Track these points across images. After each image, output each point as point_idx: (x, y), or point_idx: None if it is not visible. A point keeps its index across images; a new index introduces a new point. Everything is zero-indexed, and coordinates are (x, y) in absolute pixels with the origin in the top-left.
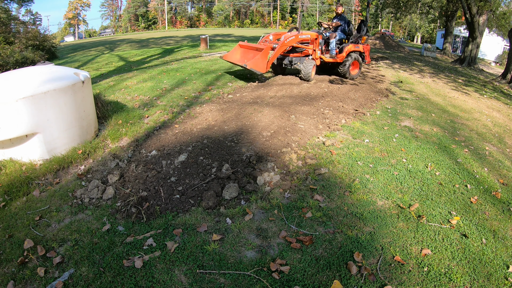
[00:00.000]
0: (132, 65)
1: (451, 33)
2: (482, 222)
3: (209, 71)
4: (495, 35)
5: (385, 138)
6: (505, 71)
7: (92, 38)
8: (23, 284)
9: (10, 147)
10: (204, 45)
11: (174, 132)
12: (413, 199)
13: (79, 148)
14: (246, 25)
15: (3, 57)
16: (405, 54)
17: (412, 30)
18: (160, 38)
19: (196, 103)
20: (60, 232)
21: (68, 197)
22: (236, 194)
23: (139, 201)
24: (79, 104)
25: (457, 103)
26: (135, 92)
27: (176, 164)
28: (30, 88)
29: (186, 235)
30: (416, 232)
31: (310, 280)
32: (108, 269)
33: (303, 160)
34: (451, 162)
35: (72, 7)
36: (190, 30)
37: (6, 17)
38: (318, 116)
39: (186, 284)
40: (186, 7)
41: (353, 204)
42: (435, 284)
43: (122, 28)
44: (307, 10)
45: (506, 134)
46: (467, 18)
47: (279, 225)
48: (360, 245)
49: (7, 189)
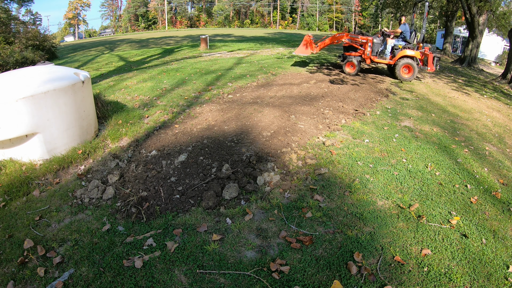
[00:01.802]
0: (132, 65)
1: (451, 33)
2: (482, 222)
3: (209, 71)
4: (495, 35)
5: (385, 138)
6: (505, 71)
7: (92, 38)
8: (23, 284)
9: (10, 147)
10: (204, 45)
11: (174, 132)
12: (413, 199)
13: (79, 148)
14: (246, 25)
15: (3, 57)
16: None
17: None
18: (160, 38)
19: (196, 103)
20: (60, 232)
21: (68, 197)
22: (236, 194)
23: (139, 201)
24: (79, 104)
25: (457, 103)
26: (135, 92)
27: (176, 164)
28: (30, 88)
29: (186, 235)
30: (416, 232)
31: (310, 280)
32: (108, 269)
33: (303, 160)
34: (451, 162)
35: (72, 7)
36: (190, 30)
37: (6, 17)
38: (318, 116)
39: (186, 284)
40: (186, 7)
41: (353, 204)
42: (435, 284)
43: (122, 28)
44: (307, 10)
45: (506, 134)
46: (467, 18)
47: (279, 225)
48: (360, 245)
49: (7, 189)
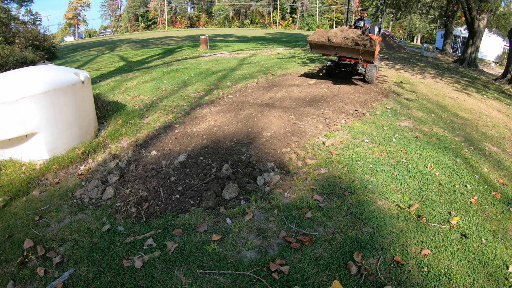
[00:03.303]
0: (132, 65)
1: (451, 34)
2: (482, 222)
3: (210, 72)
4: (495, 35)
5: (385, 138)
6: (505, 71)
7: (92, 38)
8: (23, 284)
9: (10, 147)
10: (204, 45)
11: (174, 132)
12: (413, 199)
13: (79, 148)
14: (246, 25)
15: (2, 57)
16: (405, 54)
17: (412, 31)
18: (160, 38)
19: (196, 104)
20: (60, 232)
21: (68, 197)
22: (236, 194)
23: (139, 201)
24: (79, 104)
25: (457, 103)
26: (135, 92)
27: (176, 164)
28: (30, 88)
29: (186, 235)
30: (416, 232)
31: (310, 280)
32: (108, 269)
33: (303, 160)
34: (451, 162)
35: (72, 7)
36: (190, 30)
37: (6, 17)
38: (318, 116)
39: (186, 284)
40: (186, 7)
41: (352, 204)
42: (435, 284)
43: (122, 28)
44: (307, 10)
45: (506, 134)
46: (467, 19)
47: (279, 225)
48: (359, 245)
49: (7, 189)
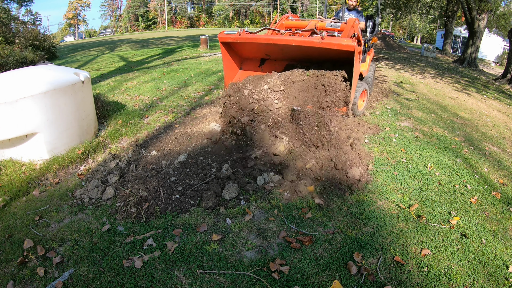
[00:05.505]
0: (132, 65)
1: (451, 34)
2: (482, 222)
3: (210, 72)
4: (495, 35)
5: (385, 138)
6: (505, 71)
7: (92, 38)
8: (22, 284)
9: (10, 147)
10: (204, 45)
11: (174, 132)
12: (413, 199)
13: (79, 148)
14: (246, 25)
15: (2, 57)
16: (405, 54)
17: (412, 31)
18: (160, 38)
19: (197, 104)
20: (60, 232)
21: (68, 197)
22: (236, 194)
23: (139, 201)
24: (79, 104)
25: (457, 103)
26: (135, 92)
27: (176, 164)
28: (30, 88)
29: (186, 235)
30: (416, 232)
31: (310, 280)
32: (108, 269)
33: None
34: (451, 162)
35: (72, 7)
36: (190, 30)
37: (6, 17)
38: None
39: (186, 284)
40: (186, 7)
41: (352, 204)
42: (435, 285)
43: (122, 28)
44: (307, 10)
45: (506, 134)
46: (467, 19)
47: (279, 225)
48: (359, 245)
49: (7, 189)
